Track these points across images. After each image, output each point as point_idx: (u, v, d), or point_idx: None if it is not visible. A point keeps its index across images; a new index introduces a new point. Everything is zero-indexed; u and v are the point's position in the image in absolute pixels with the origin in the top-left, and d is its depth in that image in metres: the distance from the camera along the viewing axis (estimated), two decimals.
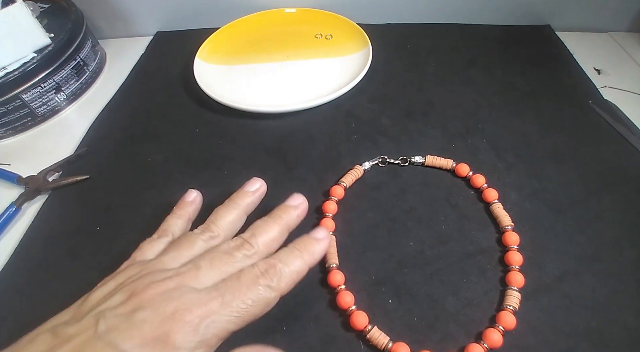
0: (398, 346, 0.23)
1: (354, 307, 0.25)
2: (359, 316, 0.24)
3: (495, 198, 0.30)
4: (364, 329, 0.24)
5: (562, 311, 0.25)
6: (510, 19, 0.48)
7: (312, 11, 0.48)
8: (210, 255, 0.21)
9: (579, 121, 0.37)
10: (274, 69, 0.44)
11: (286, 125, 0.38)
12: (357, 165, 0.33)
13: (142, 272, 0.20)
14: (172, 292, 0.18)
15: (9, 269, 0.29)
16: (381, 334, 0.24)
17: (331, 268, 0.27)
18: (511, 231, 0.28)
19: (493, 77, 0.42)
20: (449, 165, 0.33)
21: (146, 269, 0.20)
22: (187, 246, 0.22)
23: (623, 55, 0.45)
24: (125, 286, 0.19)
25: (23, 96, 0.38)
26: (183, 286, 0.19)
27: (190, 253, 0.22)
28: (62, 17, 0.43)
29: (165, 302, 0.18)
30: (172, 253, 0.22)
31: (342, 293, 0.25)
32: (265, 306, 0.20)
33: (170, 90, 0.43)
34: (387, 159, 0.33)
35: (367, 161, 0.33)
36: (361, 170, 0.33)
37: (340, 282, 0.26)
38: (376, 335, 0.24)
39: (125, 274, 0.21)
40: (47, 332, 0.18)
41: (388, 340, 0.23)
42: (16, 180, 0.34)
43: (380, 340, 0.23)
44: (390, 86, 0.41)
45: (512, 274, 0.26)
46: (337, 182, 0.32)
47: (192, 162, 0.35)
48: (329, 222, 0.29)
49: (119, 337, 0.17)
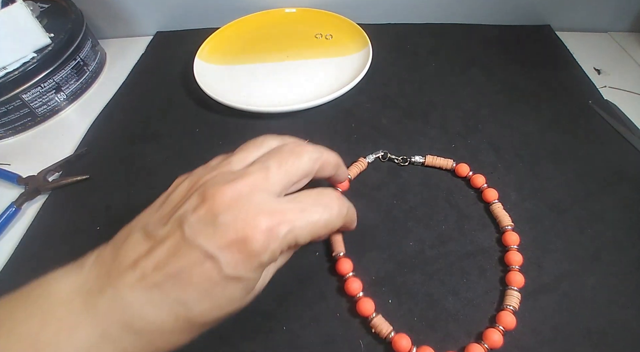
0: (400, 337, 0.23)
1: (361, 294, 0.25)
2: (366, 303, 0.25)
3: (495, 198, 0.30)
4: (369, 316, 0.24)
5: (562, 311, 0.25)
6: (510, 19, 0.48)
7: (312, 11, 0.48)
8: (277, 155, 0.21)
9: (579, 121, 0.37)
10: (274, 69, 0.44)
11: (286, 125, 0.38)
12: (361, 158, 0.33)
13: (212, 173, 0.21)
14: (248, 197, 0.19)
15: (9, 269, 0.29)
16: (384, 323, 0.24)
17: (339, 257, 0.27)
18: (511, 231, 0.28)
19: (493, 77, 0.42)
20: (449, 166, 0.33)
21: (215, 170, 0.21)
22: (254, 146, 0.22)
23: (623, 55, 0.45)
24: (199, 187, 0.20)
25: (23, 96, 0.38)
26: (257, 189, 0.19)
27: (257, 153, 0.22)
28: (62, 17, 0.43)
29: (245, 206, 0.18)
30: (240, 154, 0.22)
31: (351, 280, 0.26)
32: (331, 228, 0.21)
33: (170, 90, 0.43)
34: (389, 154, 0.34)
35: (371, 154, 0.34)
36: (365, 162, 0.33)
37: (348, 270, 0.27)
38: (379, 323, 0.24)
39: (197, 174, 0.21)
40: (139, 231, 0.19)
41: (391, 329, 0.24)
42: (16, 180, 0.34)
43: (382, 328, 0.24)
44: (390, 86, 0.41)
45: (512, 274, 0.26)
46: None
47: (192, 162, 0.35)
48: None
49: (204, 241, 0.18)
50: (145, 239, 0.19)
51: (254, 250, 0.18)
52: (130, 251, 0.19)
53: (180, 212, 0.19)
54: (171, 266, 0.17)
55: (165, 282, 0.17)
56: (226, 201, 0.18)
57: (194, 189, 0.20)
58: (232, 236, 0.18)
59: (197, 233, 0.18)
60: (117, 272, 0.18)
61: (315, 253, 0.28)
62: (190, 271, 0.17)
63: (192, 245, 0.18)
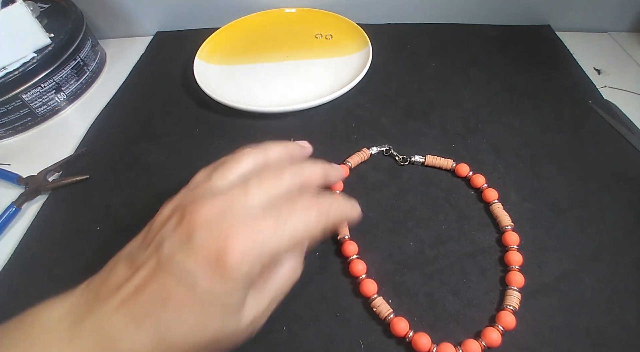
0: (398, 320, 0.24)
1: (364, 276, 0.26)
2: (369, 284, 0.26)
3: (495, 198, 0.30)
4: (371, 297, 0.25)
5: (562, 311, 0.25)
6: (510, 19, 0.48)
7: (312, 11, 0.48)
8: (258, 174, 0.21)
9: (579, 121, 0.37)
10: (274, 69, 0.44)
11: (286, 125, 0.38)
12: (365, 148, 0.34)
13: (192, 193, 0.21)
14: (224, 212, 0.19)
15: (9, 269, 0.29)
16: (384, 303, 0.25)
17: (344, 240, 0.28)
18: (511, 230, 0.28)
19: (493, 77, 0.42)
20: (449, 166, 0.33)
21: (196, 190, 0.21)
22: (234, 161, 0.22)
23: (623, 55, 0.45)
24: (179, 208, 0.20)
25: (23, 96, 0.38)
26: (233, 205, 0.19)
27: (238, 171, 0.22)
28: (62, 17, 0.43)
29: (219, 222, 0.18)
30: (219, 171, 0.22)
31: (355, 262, 0.27)
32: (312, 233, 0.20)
33: (170, 90, 0.43)
34: (392, 150, 0.34)
35: (375, 146, 0.34)
36: (368, 153, 0.33)
37: (354, 252, 0.27)
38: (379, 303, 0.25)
39: (179, 196, 0.21)
40: (124, 259, 0.20)
41: (390, 311, 0.24)
42: (16, 180, 0.34)
43: (382, 309, 0.24)
44: (390, 86, 0.41)
45: (512, 274, 0.26)
46: (343, 161, 0.33)
47: (192, 162, 0.35)
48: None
49: (181, 259, 0.18)
50: (128, 265, 0.19)
51: (228, 267, 0.17)
52: (114, 278, 0.19)
53: (161, 235, 0.19)
54: (149, 288, 0.17)
55: (144, 305, 0.17)
56: (203, 217, 0.18)
57: (175, 210, 0.20)
58: (207, 253, 0.17)
59: (175, 252, 0.18)
60: (100, 299, 0.18)
61: (315, 253, 0.28)
62: (168, 290, 0.17)
63: (169, 264, 0.18)
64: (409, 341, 0.24)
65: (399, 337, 0.24)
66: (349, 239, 0.28)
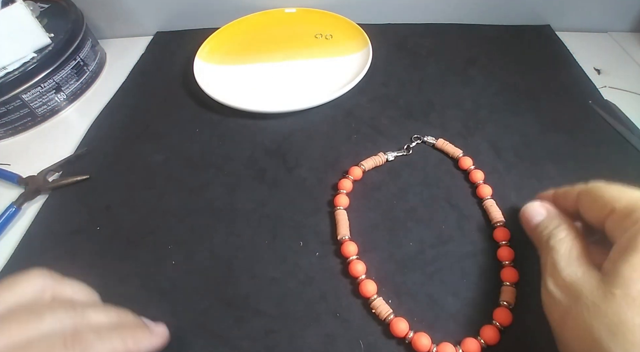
0: (398, 321, 0.24)
1: (363, 276, 0.26)
2: (368, 284, 0.26)
3: (489, 195, 0.30)
4: (371, 297, 0.25)
5: None
6: (510, 19, 0.48)
7: (312, 11, 0.48)
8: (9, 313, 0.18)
9: (579, 121, 0.37)
10: (274, 69, 0.44)
11: (286, 125, 0.38)
12: (381, 153, 0.34)
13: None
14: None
15: (9, 269, 0.29)
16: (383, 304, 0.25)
17: (344, 240, 0.28)
18: (502, 226, 0.28)
19: (493, 77, 0.42)
20: (456, 155, 0.33)
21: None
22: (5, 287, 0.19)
23: (623, 55, 0.45)
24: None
25: (23, 96, 0.38)
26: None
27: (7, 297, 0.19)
28: (62, 17, 0.43)
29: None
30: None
31: (354, 262, 0.27)
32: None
33: (170, 90, 0.43)
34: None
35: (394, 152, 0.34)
36: (384, 158, 0.33)
37: (353, 253, 0.27)
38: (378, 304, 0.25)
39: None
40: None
41: (390, 312, 0.24)
42: (16, 180, 0.35)
43: (382, 310, 0.24)
44: (390, 86, 0.41)
45: (505, 270, 0.26)
46: (358, 164, 0.33)
47: (192, 162, 0.35)
48: (343, 198, 0.31)
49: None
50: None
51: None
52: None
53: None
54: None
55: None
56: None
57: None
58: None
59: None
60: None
61: (316, 253, 0.28)
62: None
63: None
64: (408, 341, 0.24)
65: (399, 338, 0.24)
66: (349, 239, 0.28)
